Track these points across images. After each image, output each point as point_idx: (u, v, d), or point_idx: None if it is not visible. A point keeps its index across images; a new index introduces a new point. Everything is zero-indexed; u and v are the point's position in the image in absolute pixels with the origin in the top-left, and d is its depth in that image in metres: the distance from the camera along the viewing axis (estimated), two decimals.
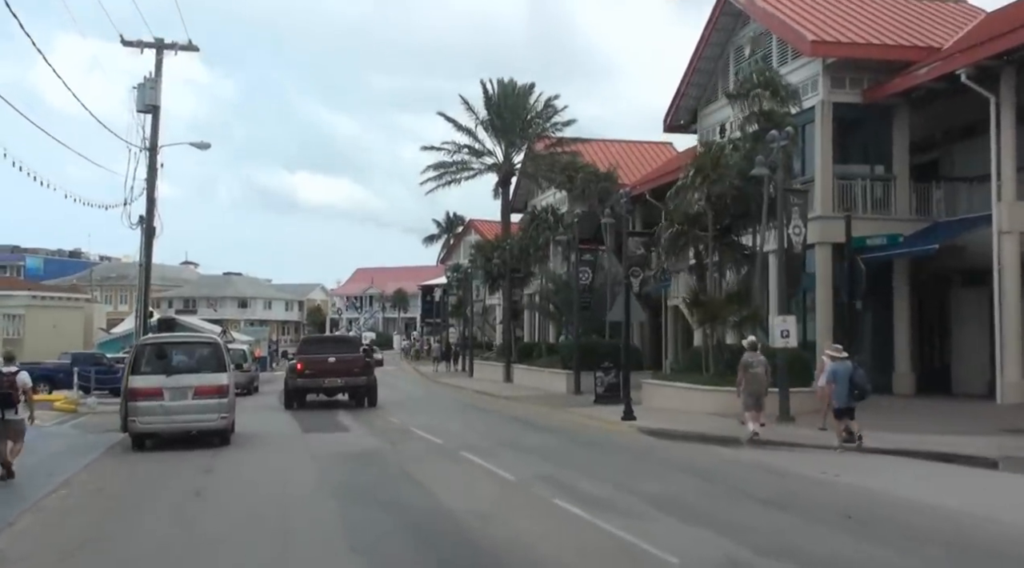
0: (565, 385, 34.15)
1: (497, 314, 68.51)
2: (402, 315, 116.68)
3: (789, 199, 21.26)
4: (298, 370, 29.75)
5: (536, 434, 21.02)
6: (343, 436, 21.24)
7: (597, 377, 28.55)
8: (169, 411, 18.12)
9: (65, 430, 23.98)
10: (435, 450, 18.06)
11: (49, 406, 30.73)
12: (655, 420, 21.90)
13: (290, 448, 19.02)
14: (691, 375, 25.77)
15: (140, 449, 18.45)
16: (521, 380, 40.88)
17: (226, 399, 18.51)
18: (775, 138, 20.82)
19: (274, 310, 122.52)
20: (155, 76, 33.58)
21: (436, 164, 50.83)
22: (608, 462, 15.99)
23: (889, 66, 26.90)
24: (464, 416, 27.35)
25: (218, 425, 18.43)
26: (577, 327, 32.99)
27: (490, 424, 24.34)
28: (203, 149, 36.27)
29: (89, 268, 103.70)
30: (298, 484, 14.05)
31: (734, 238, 25.54)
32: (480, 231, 74.03)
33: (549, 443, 19.13)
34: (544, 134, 48.94)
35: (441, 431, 21.19)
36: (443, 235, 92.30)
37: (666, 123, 36.79)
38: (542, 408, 28.44)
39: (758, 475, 14.14)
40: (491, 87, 49.78)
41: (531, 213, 42.88)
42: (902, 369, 27.26)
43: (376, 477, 14.53)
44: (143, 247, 34.01)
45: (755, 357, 19.80)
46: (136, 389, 18.12)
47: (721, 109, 33.65)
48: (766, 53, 30.37)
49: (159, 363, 18.58)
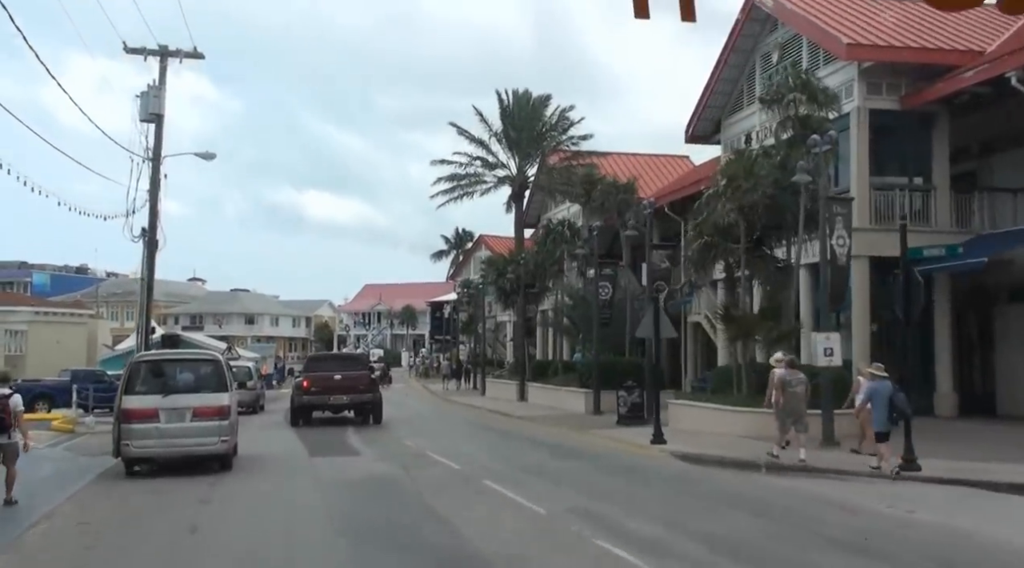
0: (584, 405, 32.71)
1: (508, 331, 67.10)
2: (410, 332, 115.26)
3: (832, 208, 19.85)
4: (304, 387, 29.79)
5: (560, 459, 19.55)
6: (353, 461, 19.82)
7: (620, 397, 27.13)
8: (165, 434, 16.70)
9: (57, 453, 22.59)
10: (454, 477, 16.63)
11: (46, 426, 29.49)
12: (687, 443, 20.43)
13: (296, 474, 17.59)
14: (721, 395, 24.35)
15: (133, 475, 17.04)
16: (536, 399, 39.42)
17: (227, 421, 17.09)
18: (816, 143, 19.45)
19: (281, 326, 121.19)
20: (159, 84, 32.42)
21: (448, 176, 49.48)
22: (647, 493, 14.52)
23: (928, 71, 25.54)
24: (480, 438, 25.92)
25: (218, 449, 17.01)
26: (596, 344, 31.53)
27: (509, 447, 22.89)
28: (208, 159, 35.09)
29: (96, 284, 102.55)
30: (304, 519, 12.64)
31: (766, 251, 24.12)
32: (491, 246, 72.73)
33: (577, 469, 17.67)
34: (559, 146, 47.57)
35: (458, 455, 19.75)
36: (452, 251, 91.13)
37: (688, 134, 35.47)
38: (562, 429, 26.98)
39: (821, 510, 12.66)
40: (506, 97, 48.48)
41: (546, 227, 41.51)
42: (944, 390, 25.77)
43: (391, 510, 13.10)
44: (145, 260, 32.83)
45: (794, 375, 18.51)
46: (130, 410, 16.71)
47: (746, 118, 32.38)
48: (795, 59, 29.00)
49: (155, 382, 17.18)
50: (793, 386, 18.23)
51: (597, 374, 31.30)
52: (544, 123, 48.21)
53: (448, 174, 49.66)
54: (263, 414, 37.50)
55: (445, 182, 50.10)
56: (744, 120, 32.52)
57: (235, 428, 18.26)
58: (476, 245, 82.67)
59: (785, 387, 18.19)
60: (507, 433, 27.38)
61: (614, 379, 30.66)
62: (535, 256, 41.39)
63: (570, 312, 38.78)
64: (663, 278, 27.26)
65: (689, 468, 17.81)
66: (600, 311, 32.35)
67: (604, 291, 32.62)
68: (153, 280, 33.47)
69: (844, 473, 16.36)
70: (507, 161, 49.29)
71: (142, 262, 33.27)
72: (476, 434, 27.41)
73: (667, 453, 19.56)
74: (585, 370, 33.69)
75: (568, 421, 29.27)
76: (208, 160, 34.93)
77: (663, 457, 19.35)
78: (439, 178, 50.13)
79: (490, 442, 24.41)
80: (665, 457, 19.31)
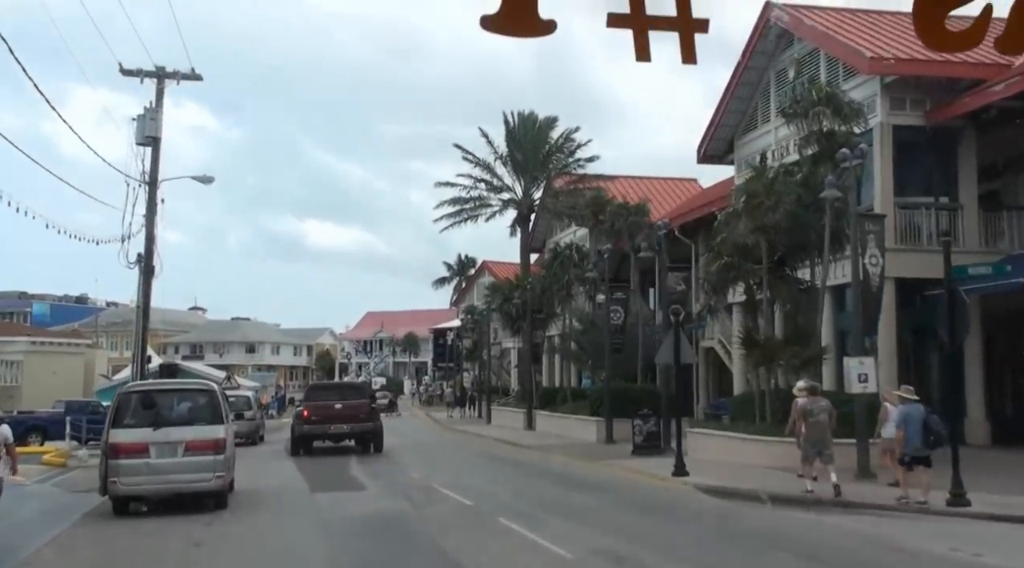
0: (595, 433, 31.51)
1: (512, 357, 65.89)
2: (413, 359, 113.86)
3: (864, 225, 18.80)
4: (305, 417, 29.56)
5: (578, 493, 18.34)
6: (358, 496, 18.62)
7: (635, 425, 25.92)
8: (156, 470, 15.53)
9: (45, 490, 21.43)
10: (466, 515, 15.46)
11: (38, 460, 28.37)
12: (711, 475, 19.24)
13: (296, 513, 16.40)
14: (741, 424, 23.20)
15: (122, 514, 15.87)
16: (544, 427, 38.22)
17: (222, 456, 15.92)
18: (846, 157, 18.42)
19: (282, 355, 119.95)
20: (155, 106, 31.57)
21: (452, 199, 48.47)
22: (678, 533, 13.32)
23: (953, 85, 24.57)
24: (490, 470, 24.71)
25: (213, 486, 15.83)
26: (608, 370, 30.36)
27: (521, 479, 21.69)
28: (206, 183, 34.17)
29: (95, 314, 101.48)
30: (306, 564, 11.50)
31: (788, 272, 23.03)
32: (494, 272, 71.67)
33: (597, 504, 16.48)
34: (566, 169, 46.61)
35: (469, 489, 18.56)
36: (454, 277, 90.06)
37: (700, 153, 34.48)
38: (575, 460, 25.78)
39: (875, 552, 11.51)
40: (512, 120, 47.57)
41: (554, 250, 40.39)
42: (975, 416, 24.58)
43: (401, 554, 11.95)
44: (141, 287, 31.81)
45: (816, 403, 17.48)
46: (118, 445, 15.54)
47: (761, 137, 31.43)
48: (813, 75, 28.03)
49: (145, 414, 15.98)
50: (815, 414, 17.24)
51: (609, 402, 30.12)
52: (550, 146, 47.32)
53: (452, 197, 48.74)
54: (263, 445, 36.26)
55: (449, 205, 49.16)
56: (758, 139, 31.55)
57: (231, 462, 17.10)
58: (479, 271, 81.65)
59: (807, 416, 17.21)
60: (517, 464, 26.18)
61: (626, 407, 29.56)
62: (542, 280, 40.28)
63: (579, 337, 37.58)
64: (678, 301, 26.11)
65: (717, 503, 16.64)
66: (612, 336, 31.20)
67: (616, 316, 31.53)
68: (149, 307, 32.47)
69: (885, 509, 15.21)
70: (512, 184, 48.40)
71: (138, 289, 32.30)
72: (485, 465, 26.20)
73: (691, 486, 18.38)
74: (596, 397, 32.50)
75: (580, 451, 28.08)
76: (206, 183, 34.05)
77: (687, 491, 18.18)
78: (443, 202, 49.24)
79: (500, 474, 23.21)
80: (689, 491, 18.14)
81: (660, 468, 21.33)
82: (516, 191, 48.31)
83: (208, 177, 33.98)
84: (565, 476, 21.96)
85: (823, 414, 17.28)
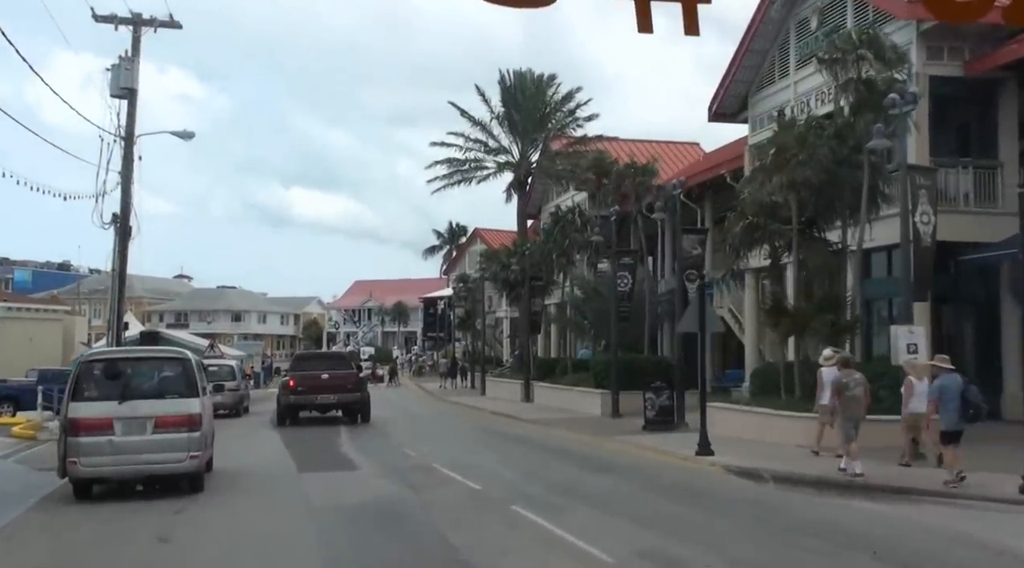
0: (599, 407, 29.78)
1: (505, 327, 64.06)
2: (402, 329, 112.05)
3: (915, 179, 16.93)
4: (290, 387, 28.98)
5: (595, 474, 16.51)
6: (349, 477, 16.79)
7: (647, 399, 24.15)
8: (121, 449, 13.63)
9: (7, 467, 19.54)
10: (475, 501, 13.63)
11: (7, 431, 26.58)
12: (738, 455, 17.46)
13: (281, 496, 14.58)
14: (765, 398, 21.46)
15: (84, 498, 14.00)
16: (543, 400, 36.45)
17: (198, 433, 14.02)
18: (895, 103, 16.54)
19: (269, 324, 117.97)
20: (132, 55, 29.49)
21: (447, 160, 46.31)
22: (725, 526, 11.41)
23: (994, 33, 22.58)
24: (492, 445, 22.90)
25: (186, 467, 13.95)
26: (615, 340, 28.53)
27: (529, 457, 19.84)
28: (186, 138, 32.21)
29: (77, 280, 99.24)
30: (291, 562, 9.69)
31: (817, 233, 21.20)
32: (486, 240, 69.78)
33: (621, 489, 14.69)
34: (565, 129, 44.47)
35: (473, 469, 16.74)
36: (445, 246, 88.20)
37: (711, 111, 32.45)
38: (582, 435, 24.03)
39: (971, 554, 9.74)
40: (508, 77, 45.36)
41: (555, 214, 38.36)
42: (1013, 390, 22.88)
43: (402, 551, 10.14)
44: (116, 248, 29.86)
45: (850, 376, 15.78)
46: (78, 420, 13.62)
47: (779, 92, 29.43)
48: (837, 24, 26.06)
49: (109, 386, 14.00)
50: (851, 389, 15.59)
51: (616, 373, 28.31)
52: (548, 104, 45.15)
53: (446, 158, 46.54)
54: (248, 416, 34.44)
55: (443, 166, 47.00)
56: (776, 94, 29.55)
57: (208, 440, 15.23)
58: (471, 239, 79.80)
59: (842, 390, 15.53)
60: (520, 439, 24.40)
61: (632, 379, 27.93)
62: (542, 246, 38.33)
63: (581, 305, 35.69)
64: (695, 266, 24.26)
65: (753, 487, 14.88)
66: (619, 304, 29.34)
67: (623, 282, 29.62)
68: (126, 270, 30.50)
69: (947, 496, 13.47)
70: (509, 146, 46.24)
71: (113, 250, 30.33)
72: (486, 441, 24.39)
73: (720, 468, 16.59)
74: (601, 368, 30.67)
75: (585, 425, 26.32)
76: (186, 139, 32.09)
77: (716, 473, 16.41)
78: (436, 162, 47.06)
79: (505, 451, 21.40)
80: (719, 473, 16.37)
81: (679, 446, 19.62)
82: (513, 153, 46.24)
83: (188, 132, 32.04)
84: (575, 454, 20.17)
85: (859, 388, 15.71)
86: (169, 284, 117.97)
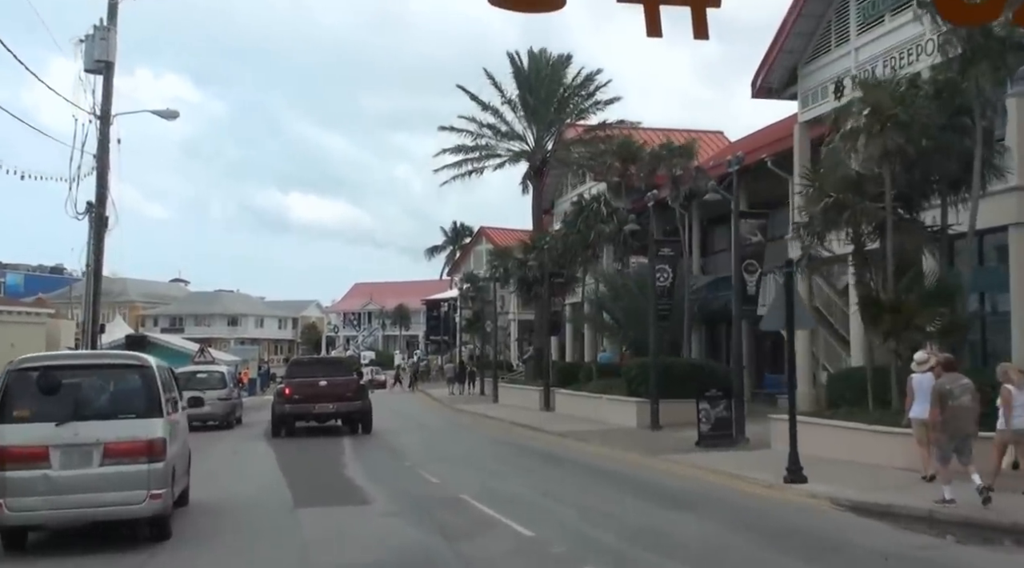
0: (635, 418, 26.37)
1: (513, 330, 60.71)
2: (404, 332, 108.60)
3: None
4: (286, 395, 27.06)
5: (675, 513, 12.98)
6: (359, 515, 13.31)
7: (701, 409, 20.78)
8: (59, 487, 10.21)
9: None
10: (532, 559, 10.17)
11: None
12: (838, 483, 14.11)
13: (272, 546, 11.16)
14: (848, 410, 18.11)
15: (14, 550, 10.62)
16: (566, 409, 33.00)
17: (160, 464, 10.57)
18: None
19: (266, 328, 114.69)
20: (107, 24, 26.19)
21: (456, 147, 42.79)
22: None
23: None
24: (524, 466, 19.43)
25: (145, 510, 10.51)
26: (655, 341, 25.11)
27: (576, 485, 16.23)
28: (169, 118, 28.84)
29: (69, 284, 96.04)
30: None
31: (912, 213, 17.86)
32: (493, 239, 66.55)
33: (724, 539, 10.99)
34: (585, 113, 41.02)
35: (513, 503, 13.35)
36: (448, 246, 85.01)
37: (755, 86, 29.03)
38: (626, 453, 20.65)
39: None
40: (519, 59, 41.95)
41: (579, 204, 34.92)
42: None
43: None
44: (91, 240, 26.51)
45: (956, 381, 12.64)
46: (4, 450, 10.26)
47: (836, 61, 26.05)
48: None
49: (46, 403, 10.56)
50: (956, 397, 12.44)
51: (655, 379, 24.94)
52: (566, 87, 41.68)
53: (455, 145, 43.01)
54: (240, 428, 31.09)
55: (451, 154, 43.52)
56: (832, 64, 26.17)
57: (178, 470, 11.80)
58: (476, 239, 76.63)
59: (945, 399, 12.41)
60: (553, 458, 20.99)
61: (671, 386, 24.74)
62: (563, 239, 34.88)
63: (610, 303, 32.25)
64: (755, 256, 20.91)
65: (888, 531, 11.42)
66: (657, 301, 25.94)
67: (663, 276, 26.22)
68: (101, 264, 27.09)
69: None
70: (523, 132, 42.72)
71: (88, 242, 26.97)
72: (514, 460, 20.95)
73: (825, 501, 13.19)
74: (636, 374, 27.25)
75: (624, 440, 22.96)
76: (169, 119, 28.68)
77: (819, 507, 13.02)
78: (444, 150, 43.54)
79: (542, 474, 17.97)
80: (823, 507, 12.97)
81: (753, 468, 16.29)
82: (528, 140, 42.73)
83: (172, 111, 28.67)
84: (629, 479, 16.73)
85: (966, 395, 12.54)
86: (165, 288, 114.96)
